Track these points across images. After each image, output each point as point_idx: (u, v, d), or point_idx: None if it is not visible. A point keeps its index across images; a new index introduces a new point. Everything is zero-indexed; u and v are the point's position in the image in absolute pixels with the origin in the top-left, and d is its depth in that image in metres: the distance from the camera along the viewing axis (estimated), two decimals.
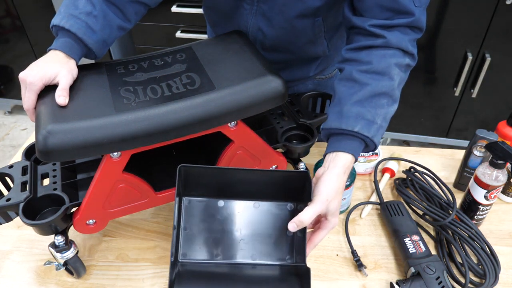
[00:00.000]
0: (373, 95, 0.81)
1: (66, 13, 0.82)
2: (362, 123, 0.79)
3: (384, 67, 0.82)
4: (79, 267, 0.86)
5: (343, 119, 0.80)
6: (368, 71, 0.82)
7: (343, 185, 0.79)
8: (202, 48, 0.90)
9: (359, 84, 0.81)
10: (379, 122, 0.81)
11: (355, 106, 0.80)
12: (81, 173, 0.90)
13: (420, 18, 0.83)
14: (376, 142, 0.81)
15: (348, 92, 0.82)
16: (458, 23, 1.98)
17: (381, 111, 0.81)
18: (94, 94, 0.78)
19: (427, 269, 0.83)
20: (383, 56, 0.82)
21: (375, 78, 0.81)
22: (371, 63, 0.82)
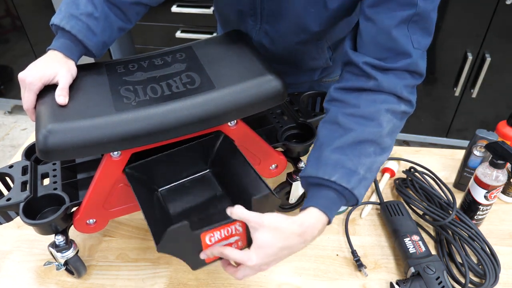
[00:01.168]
0: (358, 142, 0.72)
1: (66, 12, 0.81)
2: (341, 172, 0.70)
3: (372, 112, 0.74)
4: (80, 266, 0.86)
5: (321, 166, 0.71)
6: (354, 115, 0.74)
7: (287, 250, 0.68)
8: (202, 48, 0.90)
9: (343, 129, 0.73)
10: (362, 173, 0.71)
11: (336, 152, 0.72)
12: (81, 172, 0.90)
13: (418, 62, 0.76)
14: (358, 196, 0.71)
15: (330, 137, 0.74)
16: (458, 23, 1.98)
17: (366, 160, 0.72)
18: (94, 93, 0.78)
19: (427, 269, 0.83)
20: (373, 101, 0.74)
21: (361, 123, 0.73)
22: (359, 106, 0.74)
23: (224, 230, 0.70)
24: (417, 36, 0.74)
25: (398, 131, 0.77)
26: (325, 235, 0.97)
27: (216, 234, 0.70)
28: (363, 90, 0.76)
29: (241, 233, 0.72)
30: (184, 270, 0.91)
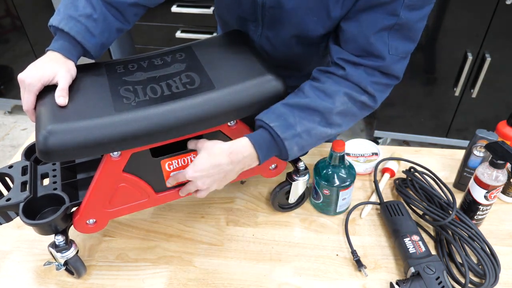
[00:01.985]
0: (307, 108, 0.81)
1: (65, 14, 0.81)
2: (281, 122, 0.78)
3: (332, 90, 0.82)
4: (80, 266, 0.86)
5: (269, 113, 0.80)
6: (317, 88, 0.83)
7: (216, 168, 0.77)
8: (201, 48, 0.90)
9: (302, 94, 0.83)
10: (298, 130, 0.79)
11: (285, 107, 0.80)
12: (81, 172, 0.91)
13: (391, 66, 0.82)
14: (288, 148, 0.79)
15: (289, 96, 0.83)
16: (458, 23, 1.98)
17: (307, 124, 0.80)
18: (94, 94, 0.78)
19: (427, 269, 0.83)
20: (337, 83, 0.83)
21: (318, 95, 0.82)
22: (324, 83, 0.84)
23: (181, 159, 0.83)
24: (397, 43, 0.81)
25: (354, 117, 0.86)
26: (325, 235, 0.98)
27: (174, 162, 0.83)
28: (334, 74, 0.85)
29: None
30: (184, 270, 0.91)
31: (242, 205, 1.05)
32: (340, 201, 0.98)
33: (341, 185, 0.95)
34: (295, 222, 1.01)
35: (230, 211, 1.04)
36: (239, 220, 1.02)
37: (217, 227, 1.00)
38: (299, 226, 1.00)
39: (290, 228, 1.00)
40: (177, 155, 0.82)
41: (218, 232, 0.99)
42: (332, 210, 1.01)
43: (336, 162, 0.95)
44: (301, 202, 1.03)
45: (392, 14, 0.77)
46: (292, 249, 0.95)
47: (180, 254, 0.94)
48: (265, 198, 1.07)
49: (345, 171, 0.96)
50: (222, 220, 1.02)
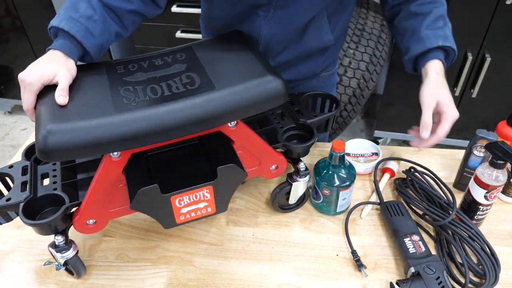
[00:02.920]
0: (435, 19, 0.96)
1: (66, 15, 0.82)
2: (441, 39, 0.94)
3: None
4: (80, 266, 0.86)
5: (426, 41, 0.94)
6: (424, 3, 0.97)
7: (442, 81, 0.94)
8: (202, 48, 0.90)
9: (422, 15, 0.96)
10: (449, 35, 0.96)
11: (429, 30, 0.95)
12: (81, 173, 0.91)
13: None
14: (453, 46, 0.95)
15: (417, 23, 0.96)
16: (458, 23, 1.97)
17: (446, 29, 0.96)
18: (94, 93, 0.78)
19: (427, 269, 0.83)
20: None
21: (432, 5, 0.97)
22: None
23: (192, 195, 0.79)
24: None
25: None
26: (325, 235, 0.98)
27: (185, 198, 0.79)
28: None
29: (209, 199, 0.81)
30: (184, 270, 0.91)
31: (242, 205, 1.05)
32: (340, 201, 0.98)
33: (341, 185, 0.95)
34: (295, 222, 1.01)
35: (230, 211, 1.04)
36: (239, 220, 1.02)
37: (217, 227, 1.00)
38: (299, 226, 1.00)
39: (290, 228, 1.00)
40: (188, 191, 0.78)
41: (218, 232, 0.99)
42: (332, 210, 1.01)
43: (336, 162, 0.95)
44: (302, 203, 1.03)
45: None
46: (292, 249, 0.95)
47: (180, 254, 0.94)
48: (265, 198, 1.07)
49: (345, 171, 0.96)
50: (222, 220, 1.02)
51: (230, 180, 0.80)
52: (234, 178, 0.80)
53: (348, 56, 2.11)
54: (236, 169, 0.78)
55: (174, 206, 0.79)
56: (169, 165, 0.88)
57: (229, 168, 0.77)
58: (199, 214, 0.82)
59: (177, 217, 0.80)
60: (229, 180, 0.80)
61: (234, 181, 0.81)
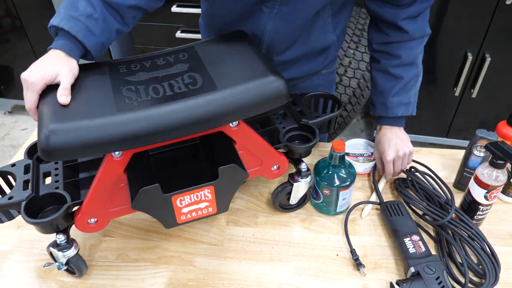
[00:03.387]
0: (406, 83, 1.05)
1: (66, 14, 0.81)
2: (402, 108, 1.07)
3: (411, 59, 1.04)
4: (81, 265, 0.87)
5: (389, 110, 1.07)
6: (400, 65, 1.04)
7: (394, 140, 1.06)
8: (204, 48, 0.90)
9: (395, 78, 1.05)
10: (412, 100, 1.08)
11: (395, 97, 1.06)
12: (83, 172, 0.91)
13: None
14: (413, 113, 1.09)
15: (388, 86, 1.06)
16: (458, 23, 1.98)
17: (412, 91, 1.07)
18: (96, 93, 0.78)
19: (427, 269, 0.83)
20: (409, 48, 1.03)
21: (406, 70, 1.05)
22: (400, 57, 1.03)
23: (193, 195, 0.79)
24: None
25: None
26: (325, 235, 0.98)
27: (186, 198, 0.79)
28: (400, 42, 1.03)
29: (211, 199, 0.81)
30: (184, 270, 0.91)
31: (242, 205, 1.06)
32: (340, 201, 0.98)
33: (341, 185, 0.95)
34: (295, 222, 1.01)
35: (230, 211, 1.04)
36: (239, 220, 1.02)
37: (217, 227, 1.00)
38: (299, 226, 1.00)
39: (290, 228, 1.00)
40: (189, 191, 0.79)
41: (218, 232, 0.99)
42: (332, 210, 1.01)
43: (336, 162, 0.95)
44: (303, 203, 1.04)
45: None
46: (292, 249, 0.95)
47: (180, 254, 0.94)
48: (265, 198, 1.07)
49: (345, 171, 0.96)
50: (222, 220, 1.02)
51: (231, 180, 0.80)
52: (235, 178, 0.80)
53: (348, 56, 2.11)
54: (237, 170, 0.78)
55: (175, 206, 0.79)
56: (171, 165, 0.88)
57: (231, 168, 0.77)
58: (200, 214, 0.82)
59: (178, 217, 0.81)
60: (230, 180, 0.80)
61: (235, 181, 0.81)
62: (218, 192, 0.80)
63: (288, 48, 1.06)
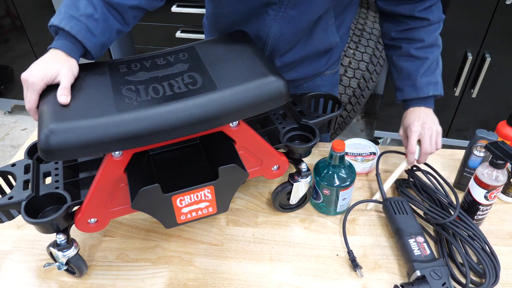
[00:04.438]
0: (431, 64, 1.05)
1: (66, 13, 0.81)
2: (432, 87, 1.05)
3: (433, 41, 1.04)
4: (81, 264, 0.87)
5: (419, 90, 1.05)
6: (423, 47, 1.04)
7: (428, 120, 1.03)
8: (204, 48, 0.90)
9: (420, 59, 1.04)
10: (439, 80, 1.06)
11: (423, 77, 1.04)
12: (83, 172, 0.91)
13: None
14: (442, 92, 1.06)
15: (413, 67, 1.05)
16: (458, 23, 1.98)
17: (437, 71, 1.06)
18: (96, 93, 0.78)
19: (433, 273, 0.81)
20: (429, 32, 1.04)
21: (430, 51, 1.05)
22: (424, 40, 1.03)
23: (193, 195, 0.78)
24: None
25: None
26: (325, 235, 0.98)
27: (186, 198, 0.78)
28: (420, 28, 1.04)
29: (211, 199, 0.81)
30: (184, 270, 0.91)
31: (242, 205, 1.06)
32: (340, 201, 0.98)
33: (341, 185, 0.95)
34: (295, 222, 1.01)
35: (230, 211, 1.04)
36: (239, 220, 1.02)
37: (217, 227, 1.00)
38: (299, 226, 1.00)
39: (290, 228, 1.00)
40: (189, 191, 0.79)
41: (218, 232, 0.99)
42: (332, 210, 1.01)
43: (336, 162, 0.95)
44: (303, 203, 1.04)
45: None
46: (292, 249, 0.95)
47: (180, 254, 0.94)
48: (265, 198, 1.07)
49: (345, 171, 0.96)
50: (222, 220, 1.02)
51: (231, 181, 0.80)
52: (236, 178, 0.80)
53: (348, 56, 2.12)
54: (237, 170, 0.78)
55: (175, 206, 0.79)
56: (171, 164, 0.88)
57: (231, 168, 0.77)
58: (200, 214, 0.82)
59: (178, 217, 0.81)
60: (231, 180, 0.80)
61: (236, 181, 0.81)
62: (218, 192, 0.80)
63: (291, 49, 1.06)
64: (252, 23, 1.01)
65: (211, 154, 0.88)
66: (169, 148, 0.90)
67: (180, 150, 0.90)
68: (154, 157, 0.89)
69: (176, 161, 0.89)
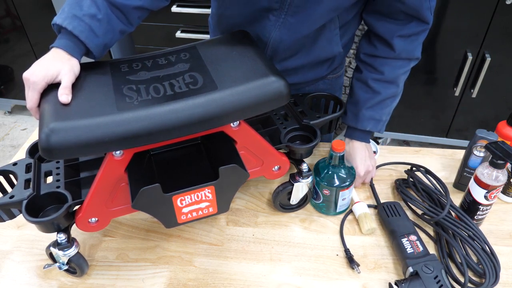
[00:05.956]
0: (382, 100, 1.05)
1: (69, 13, 0.81)
2: (372, 124, 1.06)
3: (393, 77, 1.03)
4: (82, 263, 0.87)
5: (359, 121, 1.07)
6: (380, 80, 1.03)
7: (362, 154, 1.07)
8: (206, 48, 0.90)
9: (373, 92, 1.04)
10: (384, 119, 1.08)
11: (368, 111, 1.05)
12: (84, 171, 0.91)
13: (430, 23, 0.99)
14: (381, 131, 1.09)
15: (363, 97, 1.05)
16: (458, 23, 1.98)
17: (386, 110, 1.07)
18: (97, 92, 0.78)
19: (425, 268, 0.83)
20: (393, 67, 1.02)
21: (385, 87, 1.04)
22: (383, 73, 1.03)
23: (194, 195, 0.78)
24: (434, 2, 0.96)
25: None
26: (325, 235, 0.98)
27: (187, 198, 0.78)
28: (385, 58, 1.02)
29: (211, 199, 0.80)
30: (184, 270, 0.91)
31: (242, 205, 1.06)
32: (340, 201, 0.98)
33: (341, 185, 0.95)
34: (295, 222, 1.01)
35: (230, 211, 1.04)
36: (239, 220, 1.02)
37: (217, 227, 1.00)
38: (299, 226, 1.00)
39: (290, 228, 1.00)
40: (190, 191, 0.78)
41: (218, 232, 0.99)
42: (332, 210, 1.01)
43: (336, 162, 0.95)
44: (303, 204, 1.04)
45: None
46: (292, 249, 0.95)
47: (180, 254, 0.94)
48: (266, 199, 1.07)
49: (345, 171, 0.96)
50: (222, 220, 1.02)
51: (232, 181, 0.80)
52: (236, 178, 0.80)
53: (348, 56, 2.12)
54: (238, 170, 0.78)
55: (176, 206, 0.79)
56: (172, 164, 0.88)
57: (231, 169, 0.77)
58: (201, 214, 0.82)
59: (178, 217, 0.80)
60: (231, 180, 0.80)
61: (236, 181, 0.81)
62: (218, 192, 0.80)
63: (292, 56, 1.06)
64: (254, 26, 1.01)
65: (211, 154, 0.88)
66: (170, 148, 0.89)
67: (181, 150, 0.90)
68: (155, 156, 0.88)
69: (177, 161, 0.89)
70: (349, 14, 1.01)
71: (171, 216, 0.80)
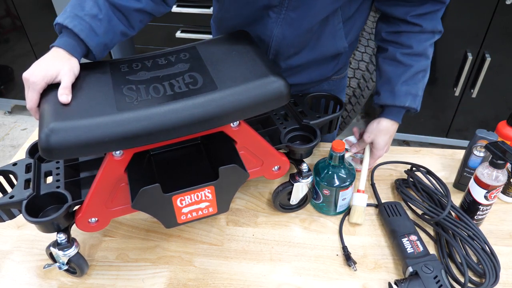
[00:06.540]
0: (415, 73, 1.02)
1: (71, 13, 0.82)
2: (410, 99, 1.03)
3: (422, 49, 1.01)
4: (83, 263, 0.87)
5: (396, 97, 1.03)
6: (410, 54, 1.01)
7: (390, 133, 1.09)
8: (206, 48, 0.90)
9: (404, 66, 1.01)
10: (420, 94, 1.05)
11: (403, 85, 1.02)
12: (84, 171, 0.91)
13: (447, 1, 0.98)
14: (418, 107, 1.06)
15: (396, 73, 1.02)
16: (458, 23, 1.98)
17: (420, 84, 1.04)
18: (97, 92, 0.78)
19: (424, 268, 0.83)
20: (420, 40, 1.00)
21: (416, 60, 1.01)
22: (412, 47, 1.00)
23: (194, 195, 0.78)
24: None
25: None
26: (325, 235, 0.98)
27: (187, 198, 0.78)
28: (411, 32, 1.00)
29: (211, 199, 0.81)
30: (184, 270, 0.91)
31: (242, 205, 1.06)
32: (340, 201, 0.98)
33: (341, 185, 0.95)
34: (295, 222, 1.01)
35: (230, 211, 1.04)
36: (239, 220, 1.02)
37: (217, 227, 1.00)
38: (299, 226, 1.00)
39: (290, 228, 1.00)
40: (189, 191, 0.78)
41: (218, 232, 0.99)
42: (332, 210, 1.01)
43: (336, 162, 0.95)
44: (303, 204, 1.03)
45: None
46: (292, 249, 0.95)
47: (180, 254, 0.94)
48: (265, 199, 1.07)
49: (345, 171, 0.96)
50: (222, 220, 1.02)
51: (232, 181, 0.80)
52: (236, 178, 0.80)
53: None
54: (238, 170, 0.78)
55: (176, 206, 0.79)
56: (171, 164, 0.88)
57: (231, 169, 0.77)
58: (201, 214, 0.82)
59: (178, 217, 0.80)
60: (231, 180, 0.80)
61: (236, 181, 0.81)
62: (218, 192, 0.80)
63: (296, 54, 1.05)
64: (255, 26, 1.01)
65: (211, 154, 0.88)
66: (169, 148, 0.89)
67: (180, 150, 0.90)
68: (154, 157, 0.88)
69: (176, 161, 0.89)
70: (352, 7, 1.00)
71: (171, 216, 0.80)
